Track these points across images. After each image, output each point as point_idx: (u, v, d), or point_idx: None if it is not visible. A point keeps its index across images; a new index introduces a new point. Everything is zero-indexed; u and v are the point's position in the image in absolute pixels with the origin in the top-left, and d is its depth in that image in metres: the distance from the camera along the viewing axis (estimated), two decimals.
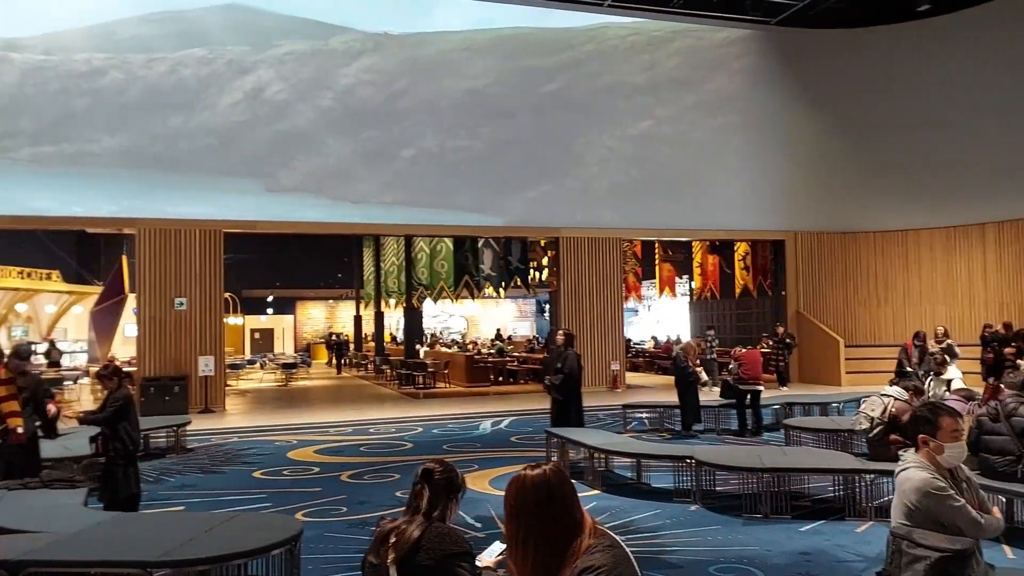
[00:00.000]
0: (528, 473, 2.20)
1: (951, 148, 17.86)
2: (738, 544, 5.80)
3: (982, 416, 6.03)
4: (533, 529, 2.13)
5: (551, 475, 2.21)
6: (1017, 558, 5.37)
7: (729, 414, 11.46)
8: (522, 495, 2.16)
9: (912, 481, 3.38)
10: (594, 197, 17.72)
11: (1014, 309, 16.89)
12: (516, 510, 2.17)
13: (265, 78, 15.80)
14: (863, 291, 19.00)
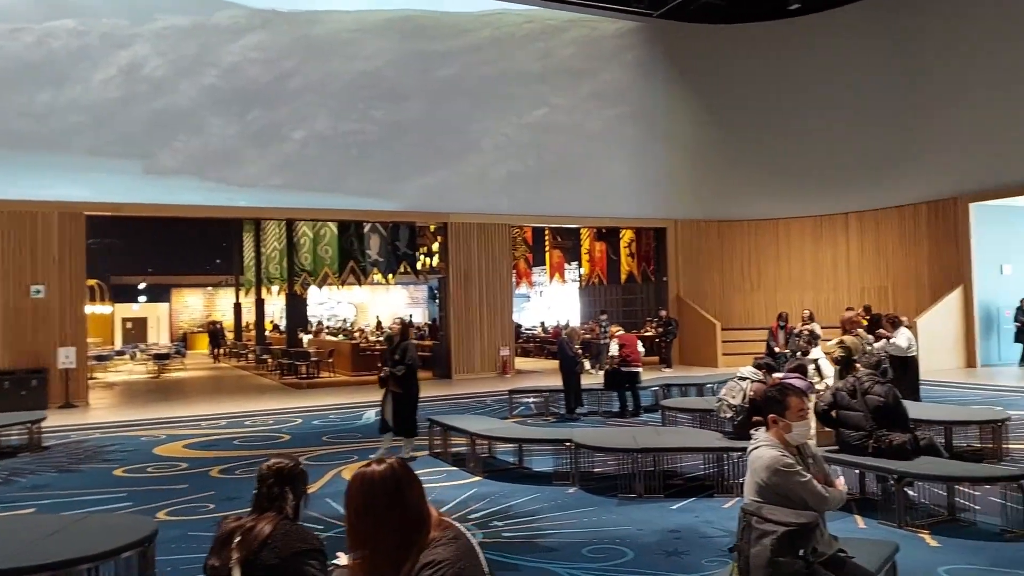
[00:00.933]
0: (374, 468, 2.11)
1: (818, 142, 18.91)
2: (612, 524, 5.91)
3: (841, 392, 6.38)
4: (380, 526, 2.05)
5: (398, 469, 2.14)
6: (868, 527, 5.69)
7: (611, 397, 11.73)
8: (369, 491, 2.08)
9: (762, 459, 3.50)
10: (491, 184, 17.74)
11: (873, 293, 18.08)
12: (363, 507, 2.08)
13: (143, 53, 14.86)
14: (738, 277, 19.88)
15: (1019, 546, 5.13)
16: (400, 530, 2.05)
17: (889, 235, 18.22)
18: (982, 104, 16.19)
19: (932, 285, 17.09)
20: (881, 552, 3.90)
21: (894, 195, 18.00)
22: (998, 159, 15.92)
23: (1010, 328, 16.07)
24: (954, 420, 7.96)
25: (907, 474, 5.66)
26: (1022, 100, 15.49)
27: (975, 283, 16.42)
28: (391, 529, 2.04)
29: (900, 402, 6.13)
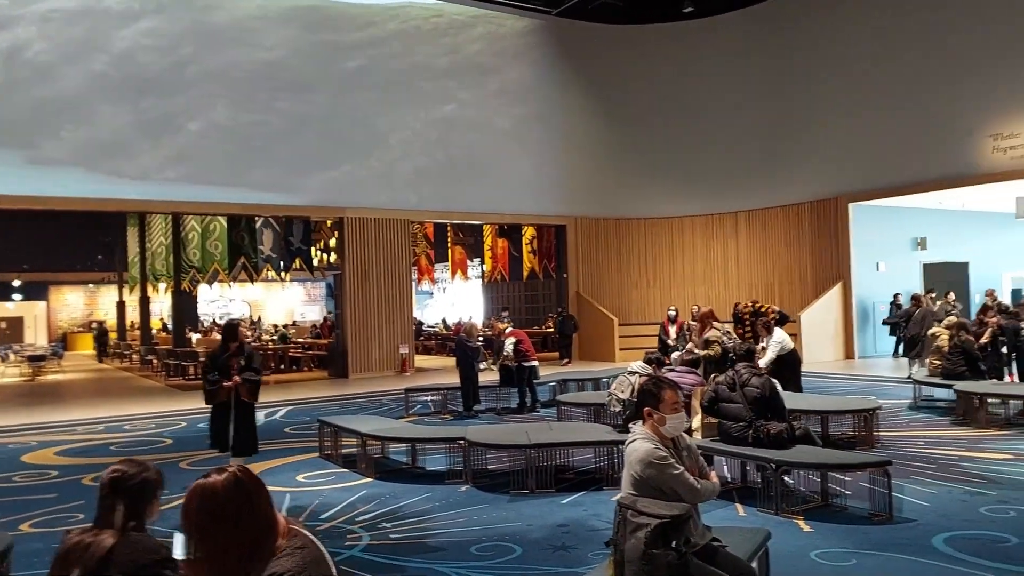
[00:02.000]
0: (215, 478, 1.97)
1: (711, 143, 19.55)
2: (502, 521, 5.88)
3: (720, 385, 6.58)
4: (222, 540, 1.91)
5: (242, 476, 2.00)
6: (747, 515, 5.87)
7: (509, 393, 11.74)
8: (210, 505, 1.93)
9: (637, 452, 3.53)
10: (396, 179, 17.49)
11: (760, 289, 18.84)
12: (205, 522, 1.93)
13: (25, 36, 13.85)
14: (635, 273, 20.34)
15: (884, 529, 5.40)
16: (245, 543, 1.92)
17: (775, 233, 19.03)
18: (860, 111, 17.12)
19: (815, 281, 17.97)
20: (753, 539, 4.01)
21: (780, 195, 18.81)
22: (874, 162, 16.88)
23: None
24: (831, 410, 8.35)
25: (784, 462, 5.87)
26: (896, 108, 16.46)
27: (853, 279, 17.37)
28: (236, 542, 1.91)
29: (777, 393, 6.37)
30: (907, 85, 16.26)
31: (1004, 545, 4.96)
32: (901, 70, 16.37)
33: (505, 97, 19.19)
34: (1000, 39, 14.78)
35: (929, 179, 16.05)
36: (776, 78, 18.79)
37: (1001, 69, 14.77)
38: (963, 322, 10.50)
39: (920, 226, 18.42)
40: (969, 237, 19.24)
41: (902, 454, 7.59)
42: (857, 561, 4.78)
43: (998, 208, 17.92)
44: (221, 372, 7.16)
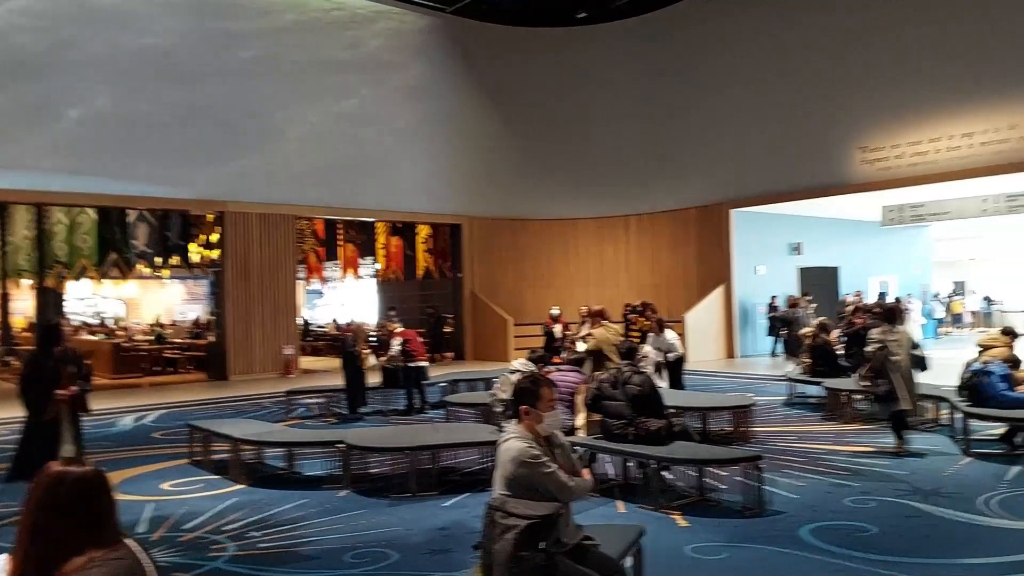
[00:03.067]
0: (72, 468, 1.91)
1: (603, 147, 19.89)
2: (381, 527, 5.68)
3: (604, 383, 6.61)
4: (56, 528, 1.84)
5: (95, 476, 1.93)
6: (628, 511, 5.91)
7: (397, 394, 11.49)
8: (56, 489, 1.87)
9: (510, 451, 3.44)
10: (291, 173, 16.89)
11: (649, 291, 19.29)
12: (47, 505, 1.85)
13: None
14: (531, 274, 20.43)
15: (755, 521, 5.55)
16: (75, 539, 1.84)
17: (663, 237, 19.57)
18: (742, 122, 17.81)
19: (699, 283, 18.57)
20: (626, 537, 3.99)
21: (668, 200, 19.35)
22: (755, 171, 17.61)
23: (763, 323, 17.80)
24: (710, 406, 8.59)
25: (662, 458, 5.95)
26: (775, 121, 17.21)
27: (735, 282, 18.06)
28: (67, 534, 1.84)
29: (656, 390, 6.46)
30: (785, 99, 17.03)
31: (865, 535, 5.18)
32: (780, 85, 17.14)
33: (405, 94, 18.90)
34: (867, 60, 15.70)
35: (804, 188, 16.88)
36: (665, 87, 19.32)
37: (867, 87, 15.67)
38: (825, 323, 11.05)
39: (796, 232, 19.36)
40: (840, 243, 20.38)
41: (775, 448, 7.88)
42: (729, 554, 4.87)
43: (866, 216, 19.07)
44: (49, 382, 6.30)
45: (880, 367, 7.49)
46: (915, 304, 21.41)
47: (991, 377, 7.52)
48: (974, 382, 7.71)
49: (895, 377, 7.41)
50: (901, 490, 6.22)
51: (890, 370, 7.44)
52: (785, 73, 17.03)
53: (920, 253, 23.39)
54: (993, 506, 5.68)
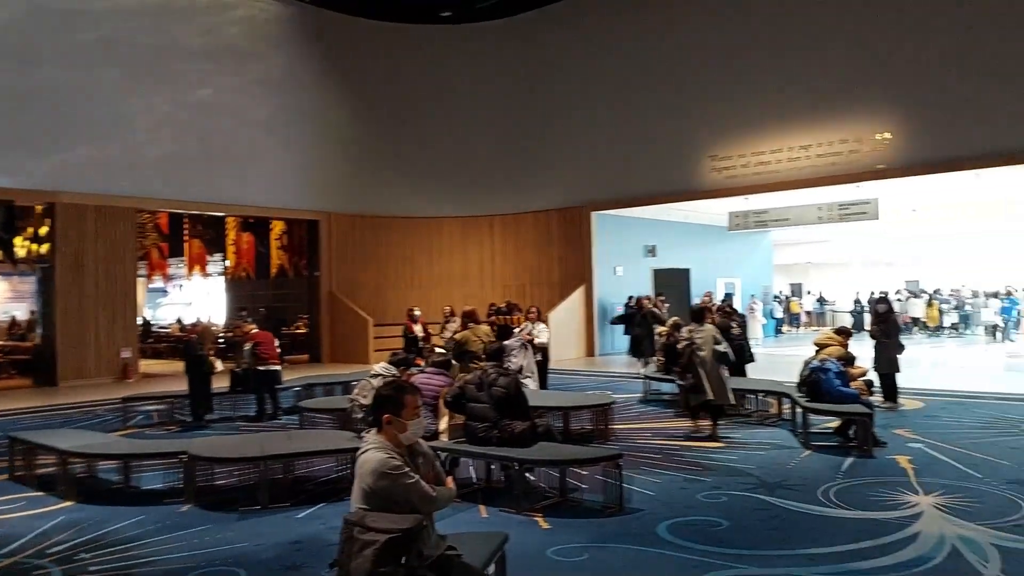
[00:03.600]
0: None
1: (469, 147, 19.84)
2: (227, 543, 5.28)
3: (468, 384, 6.49)
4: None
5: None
6: (490, 515, 5.81)
7: (247, 400, 10.87)
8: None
9: (370, 463, 3.24)
10: (137, 163, 15.71)
11: (513, 290, 19.45)
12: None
13: None
14: (393, 273, 20.06)
15: (615, 520, 5.60)
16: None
17: (527, 237, 19.78)
18: (603, 127, 18.34)
19: (561, 283, 18.92)
20: (490, 544, 3.88)
21: (531, 201, 19.59)
22: (614, 175, 18.17)
23: None
24: (571, 406, 8.66)
25: (525, 460, 5.90)
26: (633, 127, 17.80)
27: (595, 282, 18.53)
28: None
29: (522, 392, 6.41)
30: (643, 108, 17.66)
31: (717, 528, 5.34)
32: (640, 94, 17.76)
33: (263, 85, 18.05)
34: (718, 75, 16.57)
35: (659, 193, 17.57)
36: (530, 90, 19.54)
37: (718, 100, 16.54)
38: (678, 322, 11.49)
39: (651, 235, 20.14)
40: (691, 246, 21.41)
41: (633, 446, 8.05)
42: (589, 555, 4.88)
43: (715, 221, 20.13)
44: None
45: (688, 362, 8.29)
46: (758, 305, 22.85)
47: (828, 374, 8.03)
48: (812, 379, 8.20)
49: (700, 371, 8.22)
50: (749, 484, 6.50)
51: (697, 364, 8.23)
52: (645, 83, 17.66)
53: (762, 257, 25.00)
54: (831, 496, 6.04)
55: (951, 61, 13.68)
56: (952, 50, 13.66)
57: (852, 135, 14.92)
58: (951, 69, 13.68)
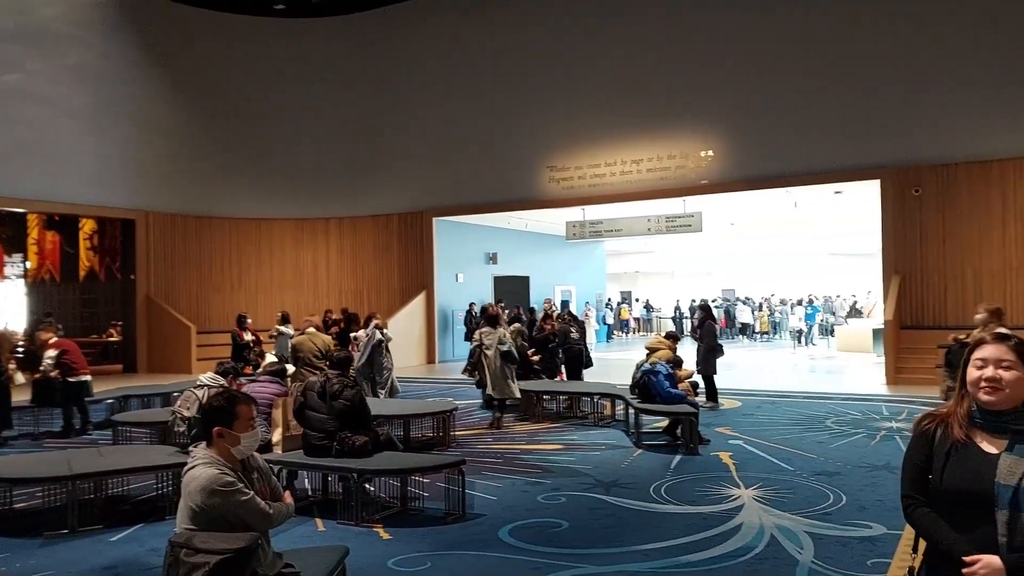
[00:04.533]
0: None
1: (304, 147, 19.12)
2: (31, 571, 4.73)
3: (309, 391, 6.20)
4: None
5: None
6: (327, 529, 5.58)
7: (53, 414, 9.81)
8: None
9: (198, 480, 2.97)
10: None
11: (350, 296, 18.99)
12: None
13: None
14: (218, 277, 18.95)
15: (458, 527, 5.55)
16: None
17: (366, 241, 19.38)
18: (446, 133, 18.30)
19: (401, 289, 18.69)
20: (330, 559, 3.70)
21: (371, 204, 19.21)
22: (456, 181, 18.20)
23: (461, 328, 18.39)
24: (412, 413, 8.53)
25: (365, 471, 5.72)
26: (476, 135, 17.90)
27: (436, 288, 18.47)
28: None
29: (365, 403, 6.21)
30: (487, 116, 17.81)
31: (557, 530, 5.42)
32: (480, 101, 17.90)
33: (79, 72, 16.51)
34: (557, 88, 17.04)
35: (500, 201, 17.82)
36: (368, 91, 19.15)
37: (557, 113, 17.01)
38: (521, 329, 11.68)
39: (492, 242, 20.39)
40: (530, 254, 21.89)
41: (474, 451, 8.05)
42: (431, 563, 4.79)
43: (553, 230, 20.70)
44: None
45: (478, 361, 9.56)
46: (592, 311, 23.74)
47: (658, 376, 8.43)
48: (644, 381, 8.58)
49: (485, 369, 9.42)
50: (586, 483, 6.67)
51: (484, 363, 9.41)
52: (486, 92, 17.83)
53: (597, 265, 26.03)
54: (662, 493, 6.32)
55: (765, 85, 14.89)
56: (765, 75, 14.86)
57: (679, 152, 15.86)
58: (765, 93, 14.89)
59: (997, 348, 2.10)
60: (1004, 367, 2.07)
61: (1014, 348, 2.09)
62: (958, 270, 13.33)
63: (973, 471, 2.05)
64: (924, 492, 2.15)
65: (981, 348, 2.13)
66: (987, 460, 2.05)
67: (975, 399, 2.12)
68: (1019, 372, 2.07)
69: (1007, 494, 1.98)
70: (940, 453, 2.13)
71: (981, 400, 2.09)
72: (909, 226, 13.73)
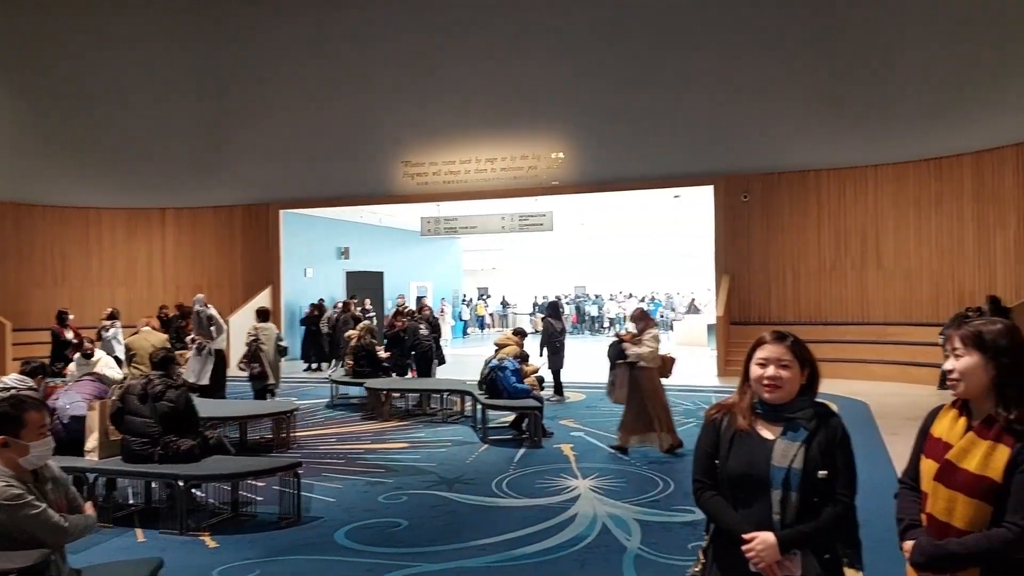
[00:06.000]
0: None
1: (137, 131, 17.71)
2: None
3: (130, 394, 5.79)
4: None
5: None
6: (148, 539, 5.24)
7: None
8: None
9: None
10: None
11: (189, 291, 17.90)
12: None
13: None
14: (39, 270, 17.34)
15: (292, 531, 5.36)
16: None
17: (206, 234, 18.38)
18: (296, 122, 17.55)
19: (245, 284, 17.87)
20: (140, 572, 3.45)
21: (213, 195, 18.22)
22: (306, 173, 17.56)
23: None
24: (249, 415, 8.18)
25: (191, 477, 5.41)
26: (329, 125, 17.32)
27: (283, 283, 17.81)
28: None
29: (192, 405, 5.88)
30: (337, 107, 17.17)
31: (396, 529, 5.37)
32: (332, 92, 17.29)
33: None
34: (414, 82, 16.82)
35: (353, 194, 17.42)
36: (212, 74, 18.08)
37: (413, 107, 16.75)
38: (371, 327, 11.52)
39: (344, 237, 19.92)
40: (385, 249, 21.59)
41: (316, 453, 7.83)
42: (260, 570, 4.61)
43: (408, 225, 20.51)
44: None
45: (254, 354, 10.09)
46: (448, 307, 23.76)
47: (505, 372, 8.55)
48: (491, 376, 8.67)
49: (265, 361, 10.06)
50: (429, 481, 6.65)
51: (262, 356, 10.06)
52: (339, 82, 17.27)
53: (453, 261, 26.07)
54: (504, 487, 6.40)
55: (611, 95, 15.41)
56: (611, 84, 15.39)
57: (531, 153, 16.15)
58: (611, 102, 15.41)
59: (776, 348, 2.27)
60: (782, 366, 2.24)
61: (791, 348, 2.27)
62: (780, 270, 14.43)
63: (752, 456, 2.22)
64: (712, 476, 2.31)
65: (762, 348, 2.29)
66: (765, 445, 2.22)
67: (758, 393, 2.28)
68: (796, 370, 2.25)
69: (780, 475, 2.16)
70: (725, 440, 2.29)
71: (764, 397, 2.26)
72: (738, 229, 14.71)
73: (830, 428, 2.22)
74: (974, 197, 12.83)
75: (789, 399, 2.25)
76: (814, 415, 2.23)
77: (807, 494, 2.15)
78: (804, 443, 2.19)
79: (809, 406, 2.25)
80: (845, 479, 2.19)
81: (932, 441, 2.15)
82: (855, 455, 2.24)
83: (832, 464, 2.17)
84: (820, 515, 2.15)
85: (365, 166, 17.21)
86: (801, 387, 2.28)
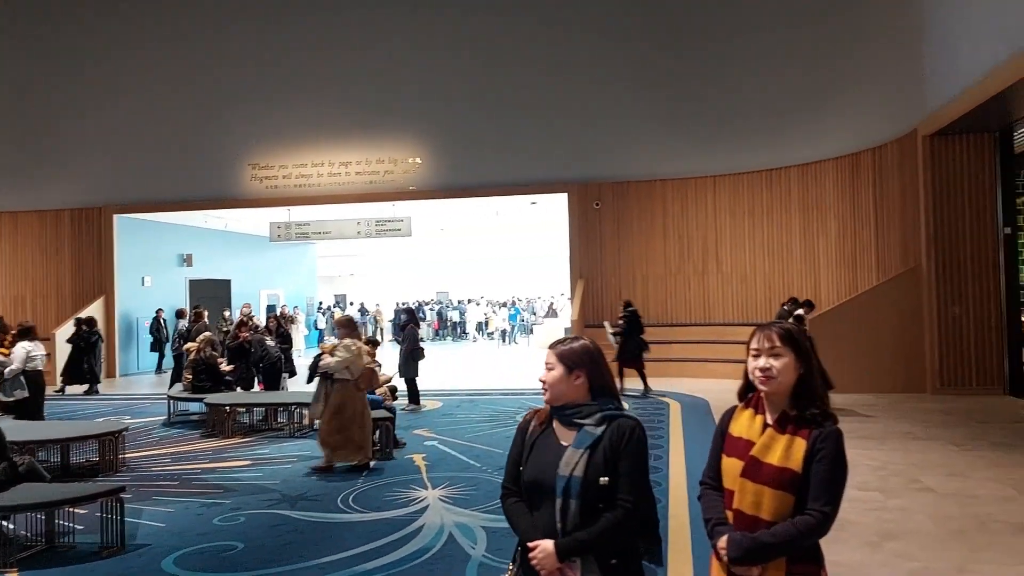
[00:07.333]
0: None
1: None
2: None
3: None
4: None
5: None
6: None
7: None
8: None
9: None
10: None
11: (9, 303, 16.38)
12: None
13: None
14: None
15: (114, 562, 4.94)
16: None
17: (29, 241, 16.85)
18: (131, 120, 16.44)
19: (74, 294, 16.52)
20: None
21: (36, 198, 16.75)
22: (144, 176, 16.45)
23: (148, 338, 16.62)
24: (71, 436, 7.49)
25: None
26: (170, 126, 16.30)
27: (118, 293, 16.57)
28: None
29: None
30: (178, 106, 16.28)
31: (231, 553, 5.06)
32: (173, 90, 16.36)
33: None
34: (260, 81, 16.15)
35: (196, 198, 16.50)
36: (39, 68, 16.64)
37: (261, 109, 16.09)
38: (211, 339, 10.91)
39: (187, 243, 18.82)
40: (231, 256, 20.58)
41: (148, 475, 7.29)
42: None
43: (257, 231, 19.65)
44: None
45: None
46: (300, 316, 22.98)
47: None
48: None
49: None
50: (271, 500, 6.34)
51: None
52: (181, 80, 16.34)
53: (307, 268, 25.25)
54: (350, 502, 6.20)
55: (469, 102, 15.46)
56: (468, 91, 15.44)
57: (388, 157, 15.91)
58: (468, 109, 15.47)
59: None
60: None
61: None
62: (630, 274, 14.99)
63: (545, 462, 2.21)
64: (518, 482, 2.29)
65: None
66: (559, 452, 2.21)
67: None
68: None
69: (561, 484, 2.16)
70: (528, 446, 2.27)
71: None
72: (591, 235, 15.16)
73: (618, 433, 2.18)
74: (800, 206, 13.88)
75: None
76: (603, 419, 2.21)
77: (588, 501, 2.13)
78: (588, 449, 2.16)
79: (597, 411, 2.22)
80: (628, 484, 2.14)
81: (732, 440, 2.22)
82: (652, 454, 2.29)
83: (615, 470, 2.15)
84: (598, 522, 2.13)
85: (209, 168, 16.36)
86: (591, 390, 2.25)
